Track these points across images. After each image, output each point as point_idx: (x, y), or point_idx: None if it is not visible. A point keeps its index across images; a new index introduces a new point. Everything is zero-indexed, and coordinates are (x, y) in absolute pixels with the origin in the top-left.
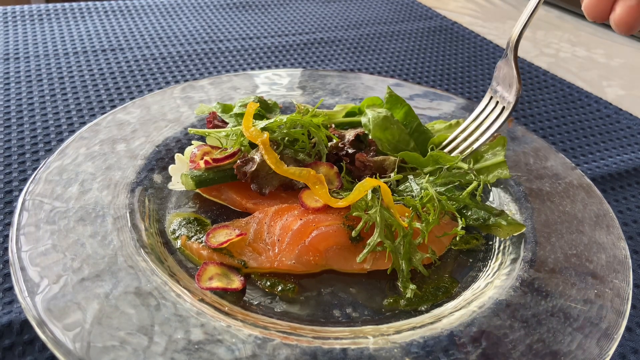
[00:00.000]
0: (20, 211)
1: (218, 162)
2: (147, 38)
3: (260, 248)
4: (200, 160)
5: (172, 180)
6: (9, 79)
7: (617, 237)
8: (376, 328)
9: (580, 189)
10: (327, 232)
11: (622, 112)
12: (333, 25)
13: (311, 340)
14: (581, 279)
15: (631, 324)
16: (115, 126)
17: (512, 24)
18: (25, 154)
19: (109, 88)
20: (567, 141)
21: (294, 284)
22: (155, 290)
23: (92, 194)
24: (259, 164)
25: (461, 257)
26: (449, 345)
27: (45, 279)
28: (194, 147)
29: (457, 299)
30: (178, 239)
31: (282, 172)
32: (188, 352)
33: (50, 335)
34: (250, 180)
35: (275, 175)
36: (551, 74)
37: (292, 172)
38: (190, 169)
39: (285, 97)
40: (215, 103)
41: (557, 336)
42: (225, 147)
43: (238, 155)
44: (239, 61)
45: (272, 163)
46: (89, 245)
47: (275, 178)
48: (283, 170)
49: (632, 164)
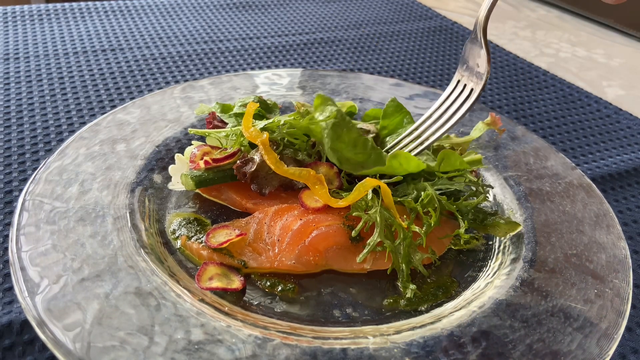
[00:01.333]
0: (20, 211)
1: (218, 162)
2: (147, 38)
3: (260, 248)
4: (200, 161)
5: (172, 180)
6: (9, 79)
7: (617, 237)
8: (376, 328)
9: (581, 188)
10: (327, 232)
11: (622, 112)
12: (333, 25)
13: (311, 340)
14: (581, 278)
15: (631, 324)
16: (115, 126)
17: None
18: (25, 154)
19: (109, 88)
20: (567, 141)
21: (294, 284)
22: (155, 290)
23: (92, 194)
24: (258, 164)
25: (461, 257)
26: (449, 345)
27: (45, 279)
28: (193, 147)
29: (457, 299)
30: (178, 239)
31: (282, 173)
32: (188, 352)
33: (50, 335)
34: (250, 180)
35: (275, 175)
36: (551, 74)
37: (292, 172)
38: (190, 169)
39: (285, 97)
40: (215, 103)
41: (557, 336)
42: (225, 147)
43: (238, 155)
44: (238, 61)
45: (271, 163)
46: (89, 245)
47: (275, 178)
48: (283, 171)
49: (632, 164)
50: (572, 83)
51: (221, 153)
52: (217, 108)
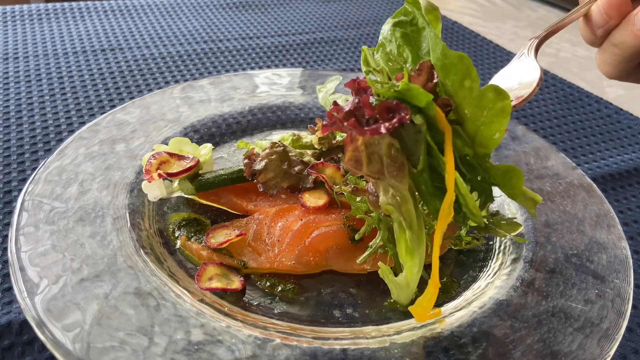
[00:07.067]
0: (20, 211)
1: (172, 176)
2: (146, 38)
3: (260, 248)
4: (154, 173)
5: (149, 196)
6: (8, 78)
7: (617, 237)
8: (376, 328)
9: (581, 188)
10: (327, 232)
11: (622, 112)
12: (333, 25)
13: (311, 340)
14: (582, 279)
15: (632, 324)
16: (114, 126)
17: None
18: (24, 154)
19: (109, 88)
20: (568, 141)
21: (294, 284)
22: (154, 290)
23: (92, 194)
24: (267, 163)
25: (461, 257)
26: (449, 345)
27: (44, 280)
28: (150, 155)
29: (457, 299)
30: (177, 239)
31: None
32: (188, 352)
33: (50, 335)
34: (258, 179)
35: (285, 175)
36: (552, 74)
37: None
38: (144, 180)
39: (285, 97)
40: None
41: (558, 336)
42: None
43: (197, 167)
44: (238, 61)
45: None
46: (89, 245)
47: (284, 179)
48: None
49: (632, 163)
50: (573, 83)
51: (179, 165)
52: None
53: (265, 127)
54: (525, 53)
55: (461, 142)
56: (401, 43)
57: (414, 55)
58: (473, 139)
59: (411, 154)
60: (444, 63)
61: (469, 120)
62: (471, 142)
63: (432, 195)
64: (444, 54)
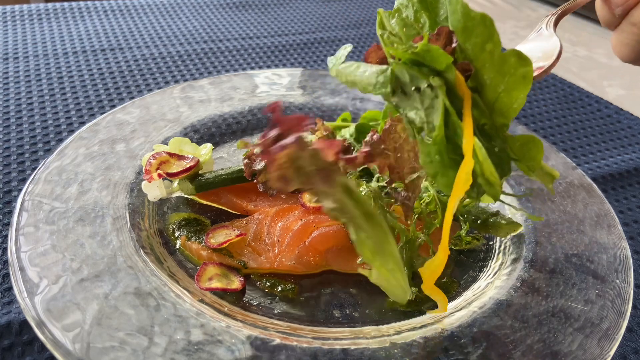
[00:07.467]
0: (20, 211)
1: (172, 176)
2: (146, 38)
3: (260, 248)
4: (154, 173)
5: (149, 196)
6: (8, 78)
7: (618, 237)
8: (376, 328)
9: (581, 188)
10: (327, 232)
11: (622, 112)
12: (333, 25)
13: (311, 340)
14: (582, 279)
15: (632, 325)
16: (114, 126)
17: (513, 23)
18: (24, 154)
19: (109, 88)
20: (568, 141)
21: (294, 284)
22: (154, 290)
23: (92, 194)
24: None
25: (461, 257)
26: (449, 345)
27: (44, 280)
28: (150, 155)
29: (457, 299)
30: (177, 239)
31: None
32: (188, 352)
33: (50, 335)
34: (257, 180)
35: None
36: (551, 74)
37: None
38: (144, 180)
39: (285, 97)
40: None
41: (558, 336)
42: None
43: (197, 166)
44: (238, 61)
45: None
46: (89, 245)
47: None
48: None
49: (632, 163)
50: (573, 83)
51: (179, 165)
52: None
53: (265, 127)
54: (543, 27)
55: (478, 113)
56: (418, 8)
57: (432, 22)
58: (492, 107)
59: (424, 123)
60: (465, 25)
61: (489, 87)
62: (489, 111)
63: (447, 166)
64: (466, 14)
